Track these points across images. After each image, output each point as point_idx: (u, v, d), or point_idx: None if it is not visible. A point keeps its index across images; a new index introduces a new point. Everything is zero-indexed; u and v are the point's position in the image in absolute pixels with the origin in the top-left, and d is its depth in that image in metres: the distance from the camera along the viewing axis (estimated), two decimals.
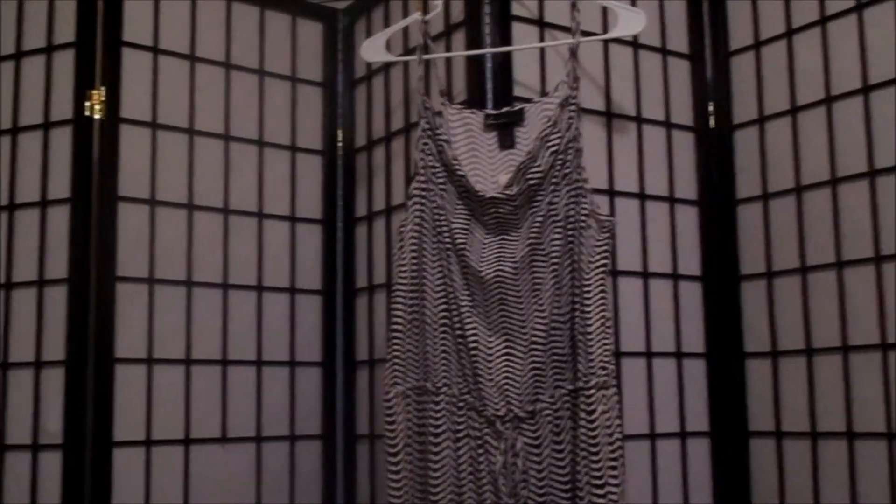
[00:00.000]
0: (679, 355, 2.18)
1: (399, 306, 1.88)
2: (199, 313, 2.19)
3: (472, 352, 1.83)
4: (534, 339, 1.81)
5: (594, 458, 1.73)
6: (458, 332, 1.84)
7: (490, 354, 1.83)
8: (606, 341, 1.77)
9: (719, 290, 2.23)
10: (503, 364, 1.82)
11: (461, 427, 1.83)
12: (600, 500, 1.72)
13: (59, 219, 2.07)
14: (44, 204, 2.09)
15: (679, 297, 2.20)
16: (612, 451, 1.75)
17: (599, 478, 1.73)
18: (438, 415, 1.84)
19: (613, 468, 1.74)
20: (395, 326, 1.88)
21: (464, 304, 1.85)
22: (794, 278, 2.10)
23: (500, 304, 1.83)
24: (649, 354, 2.14)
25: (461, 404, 1.84)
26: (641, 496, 2.08)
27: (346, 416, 2.38)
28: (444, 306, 1.86)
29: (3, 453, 2.03)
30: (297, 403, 2.33)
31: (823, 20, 2.08)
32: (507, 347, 1.83)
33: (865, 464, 1.95)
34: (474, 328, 1.84)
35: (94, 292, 2.05)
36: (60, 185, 2.09)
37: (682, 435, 2.16)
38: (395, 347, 1.88)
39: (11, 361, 2.06)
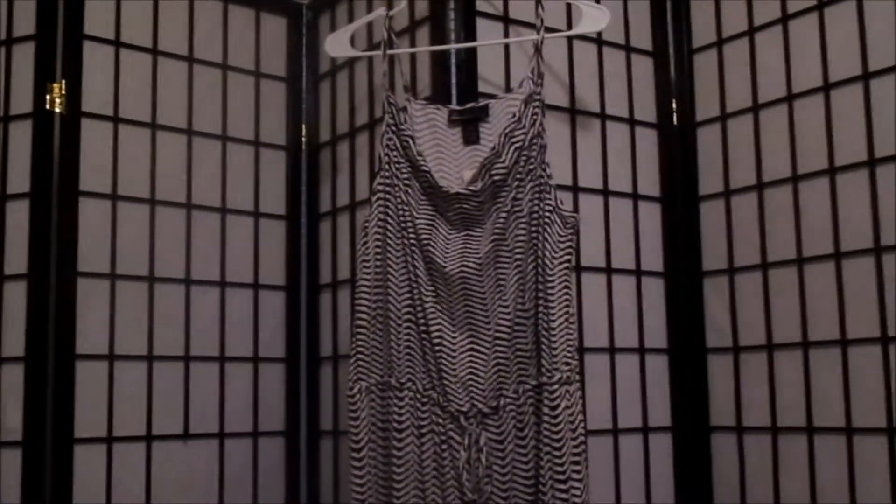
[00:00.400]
0: (642, 351, 2.20)
1: (363, 302, 1.88)
2: (161, 309, 2.17)
3: (436, 347, 1.83)
4: (497, 334, 1.82)
5: (557, 453, 1.74)
6: (423, 328, 1.84)
7: (454, 350, 1.83)
8: (570, 337, 1.78)
9: (682, 287, 2.25)
10: (467, 359, 1.83)
11: (425, 423, 1.83)
12: (563, 496, 1.73)
13: (19, 214, 2.05)
14: (3, 198, 2.07)
15: (642, 293, 2.22)
16: (576, 447, 1.76)
17: (562, 473, 1.73)
18: (402, 410, 1.83)
19: (577, 463, 1.75)
20: (359, 322, 1.87)
21: (428, 299, 1.85)
22: (755, 274, 2.13)
23: (465, 300, 1.83)
24: (612, 350, 2.15)
25: (425, 400, 1.83)
26: (604, 491, 2.09)
27: (310, 412, 2.37)
28: (408, 302, 1.86)
29: None
30: (261, 400, 2.32)
31: (785, 18, 2.10)
32: (470, 343, 1.83)
33: (825, 458, 1.97)
34: (438, 324, 1.84)
35: (54, 288, 2.02)
36: (20, 180, 2.06)
37: (645, 430, 2.18)
38: (360, 343, 1.87)
39: None
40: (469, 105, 1.93)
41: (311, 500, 2.34)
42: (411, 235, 1.87)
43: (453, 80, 2.02)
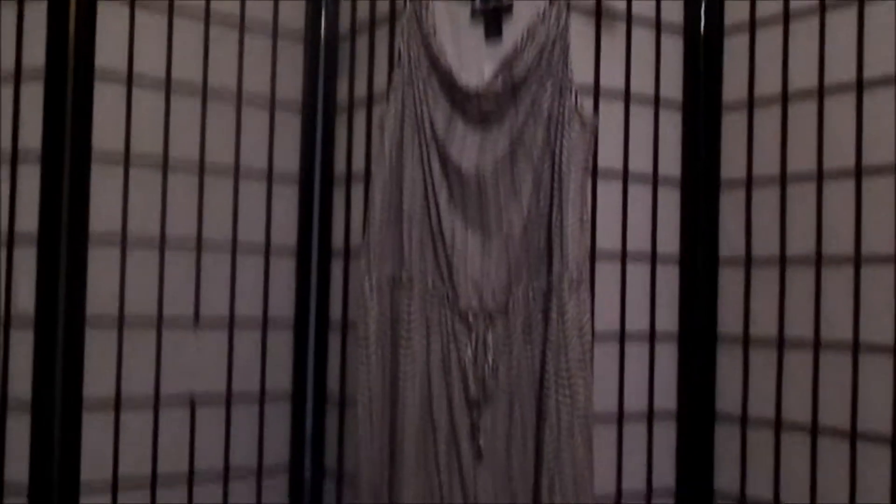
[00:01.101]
0: (653, 258, 2.19)
1: (377, 196, 1.87)
2: (175, 198, 2.17)
3: (448, 245, 1.82)
4: (510, 234, 1.82)
5: (563, 355, 1.75)
6: (435, 225, 1.84)
7: (466, 248, 1.83)
8: (583, 240, 1.78)
9: (698, 197, 2.23)
10: (478, 258, 1.83)
11: (433, 319, 1.84)
12: (567, 397, 1.75)
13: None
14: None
15: (657, 202, 2.20)
16: (582, 350, 1.77)
17: (568, 375, 1.75)
18: (412, 306, 1.84)
19: (582, 367, 1.76)
20: (372, 216, 1.87)
21: (442, 197, 1.84)
22: (773, 189, 2.10)
23: (479, 199, 1.83)
24: (624, 256, 2.15)
25: (434, 297, 1.84)
26: (608, 394, 2.11)
27: (319, 303, 2.38)
28: (421, 198, 1.85)
29: None
30: (271, 290, 2.32)
31: None
32: (483, 242, 1.83)
33: (829, 374, 1.98)
34: (451, 221, 1.83)
35: (67, 170, 2.02)
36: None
37: (652, 337, 2.19)
38: (372, 237, 1.87)
39: None
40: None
41: (318, 390, 2.37)
42: (428, 132, 1.85)
43: None
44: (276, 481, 2.32)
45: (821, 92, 2.02)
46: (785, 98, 2.09)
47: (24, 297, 2.00)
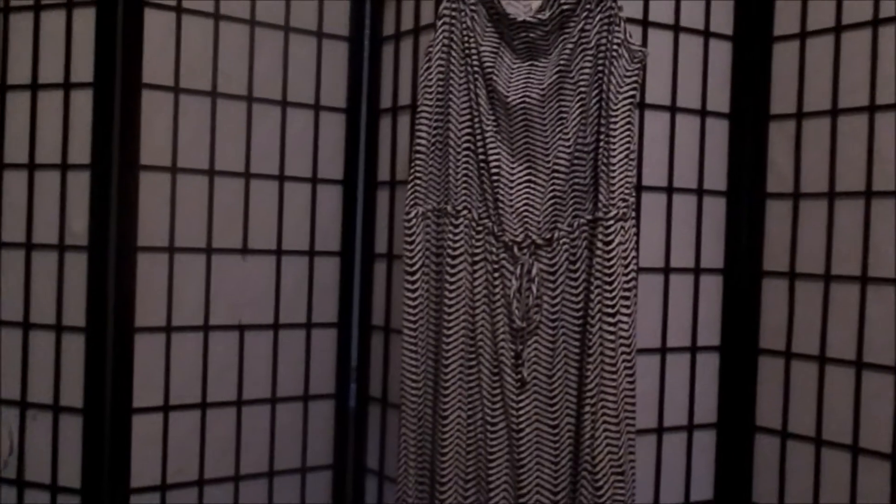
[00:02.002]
0: (700, 192, 2.18)
1: (423, 128, 1.87)
2: (223, 125, 2.19)
3: (494, 177, 1.83)
4: (556, 167, 1.81)
5: (608, 287, 1.76)
6: (481, 157, 1.84)
7: (511, 180, 1.83)
8: (629, 173, 1.77)
9: (746, 131, 2.20)
10: (524, 190, 1.83)
11: (479, 251, 1.85)
12: (611, 329, 1.76)
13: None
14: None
15: (705, 135, 2.18)
16: (626, 283, 1.77)
17: (612, 307, 1.76)
18: (457, 238, 1.85)
19: (626, 299, 1.77)
20: (418, 147, 1.88)
21: (488, 128, 1.84)
22: (824, 121, 2.08)
23: (525, 131, 1.82)
24: (670, 190, 2.14)
25: (480, 228, 1.85)
26: (651, 327, 2.12)
27: (365, 234, 2.40)
28: (468, 130, 1.85)
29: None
30: (318, 220, 2.34)
31: None
32: (528, 174, 1.83)
33: (874, 305, 1.97)
34: (497, 153, 1.83)
35: (118, 98, 2.05)
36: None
37: (696, 271, 2.18)
38: (418, 169, 1.88)
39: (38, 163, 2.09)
40: None
41: (364, 317, 2.40)
42: (475, 63, 1.85)
43: None
44: (321, 407, 2.37)
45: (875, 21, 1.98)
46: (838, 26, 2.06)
47: (78, 222, 2.05)
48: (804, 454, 2.09)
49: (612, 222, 1.76)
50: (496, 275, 1.84)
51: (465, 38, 1.85)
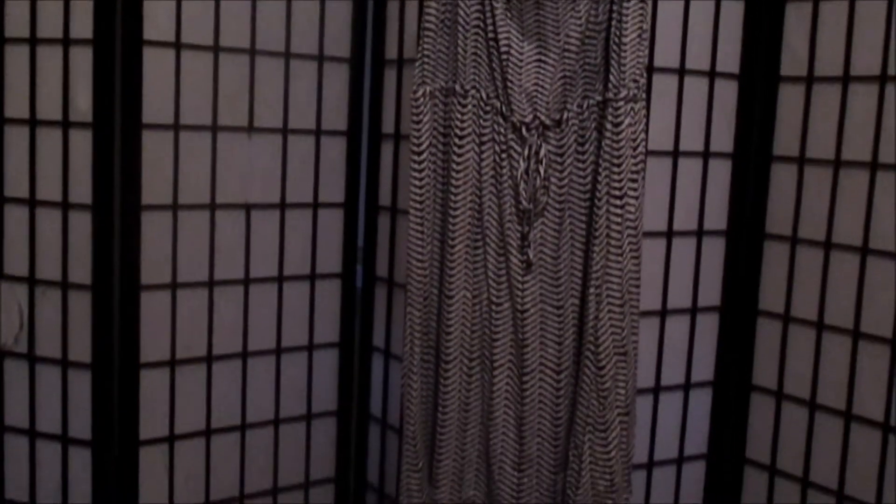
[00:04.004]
0: (712, 75, 2.15)
1: (432, 5, 1.84)
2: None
3: (503, 56, 1.80)
4: (567, 46, 1.78)
5: (616, 170, 1.75)
6: (490, 35, 1.81)
7: (521, 59, 1.80)
8: (640, 54, 1.74)
9: (762, 12, 2.16)
10: (533, 70, 1.80)
11: (486, 131, 1.84)
12: (618, 211, 1.76)
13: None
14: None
15: (720, 14, 2.13)
16: (635, 165, 1.76)
17: (619, 189, 1.75)
18: (464, 117, 1.84)
19: (634, 181, 1.77)
20: (426, 25, 1.84)
21: (498, 5, 1.80)
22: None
23: (536, 9, 1.79)
24: (682, 72, 2.11)
25: (488, 108, 1.83)
26: (657, 212, 2.12)
27: (373, 114, 2.38)
28: (477, 7, 1.81)
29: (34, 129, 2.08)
30: (325, 99, 2.32)
31: None
32: (538, 53, 1.80)
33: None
34: (507, 31, 1.80)
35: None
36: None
37: (706, 154, 2.17)
38: (426, 47, 1.85)
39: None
40: None
41: (370, 198, 2.40)
42: None
43: None
44: (328, 286, 2.39)
45: None
46: None
47: (83, 99, 2.03)
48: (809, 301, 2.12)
49: (622, 103, 1.74)
50: (504, 156, 1.83)
51: None
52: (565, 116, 1.80)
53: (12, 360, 2.13)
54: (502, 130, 1.82)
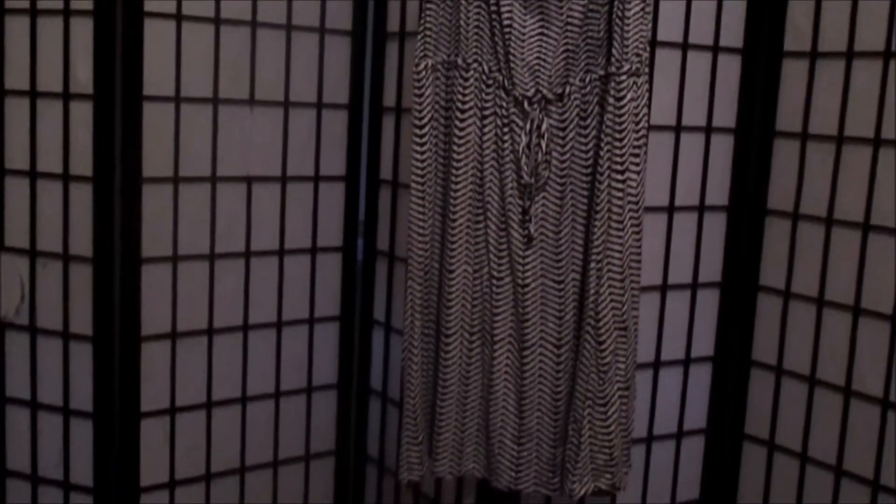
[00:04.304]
0: (715, 49, 2.14)
1: None
2: None
3: (506, 29, 1.79)
4: (569, 20, 1.77)
5: (618, 144, 1.75)
6: (493, 8, 1.80)
7: (523, 33, 1.80)
8: (643, 28, 1.74)
9: None
10: (536, 44, 1.80)
11: (488, 105, 1.83)
12: (619, 185, 1.75)
13: None
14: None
15: None
16: (637, 139, 1.76)
17: (621, 164, 1.75)
18: (466, 91, 1.83)
19: (636, 155, 1.76)
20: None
21: None
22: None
23: None
24: (685, 46, 2.10)
25: (490, 82, 1.82)
26: (660, 186, 2.12)
27: (374, 87, 2.37)
28: None
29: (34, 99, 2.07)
30: (326, 70, 2.31)
31: None
32: (541, 27, 1.79)
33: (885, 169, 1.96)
34: (509, 5, 1.79)
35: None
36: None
37: (708, 128, 2.16)
38: (428, 20, 1.84)
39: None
40: None
41: (372, 171, 2.39)
42: None
43: None
44: (329, 260, 2.39)
45: None
46: None
47: (83, 71, 2.02)
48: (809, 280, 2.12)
49: (624, 78, 1.73)
50: (505, 129, 1.82)
51: None
52: (567, 90, 1.80)
53: (13, 331, 2.13)
54: (504, 104, 1.82)
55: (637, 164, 1.76)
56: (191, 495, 2.24)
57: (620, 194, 1.76)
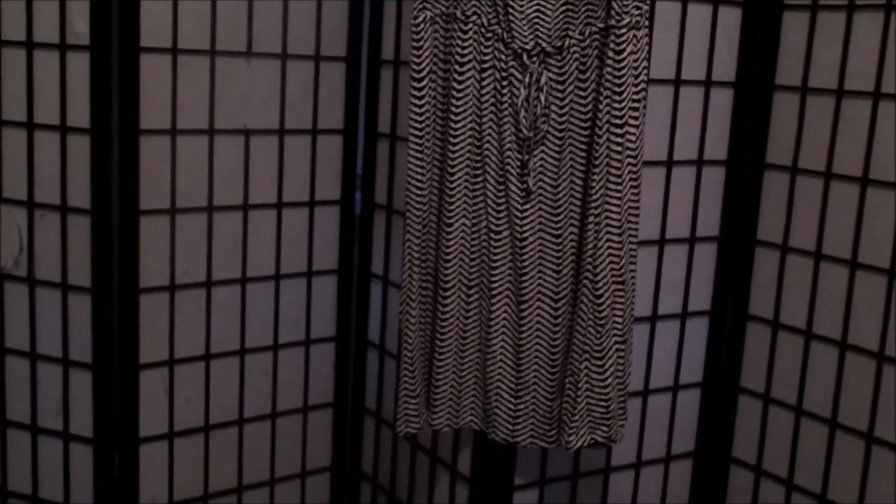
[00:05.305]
0: (716, 2, 2.12)
1: None
2: None
3: None
4: None
5: (617, 97, 1.74)
6: None
7: None
8: None
9: None
10: None
11: (487, 58, 1.82)
12: (618, 139, 1.75)
13: None
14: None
15: None
16: (636, 93, 1.75)
17: (620, 117, 1.74)
18: (465, 44, 1.82)
19: (635, 109, 1.75)
20: None
21: None
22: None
23: None
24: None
25: (489, 35, 1.81)
26: (659, 140, 2.11)
27: (372, 39, 2.36)
28: None
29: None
30: (324, 27, 2.29)
31: None
32: None
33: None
34: None
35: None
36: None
37: (707, 83, 2.15)
38: None
39: None
40: None
41: (370, 125, 2.38)
42: None
43: None
44: (327, 213, 2.39)
45: None
46: None
47: (80, 23, 2.01)
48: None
49: (624, 30, 1.72)
50: (504, 83, 1.81)
51: None
52: (567, 43, 1.78)
53: (12, 282, 2.14)
54: (503, 57, 1.81)
55: (636, 118, 1.75)
56: (190, 446, 2.26)
57: (619, 148, 1.75)
